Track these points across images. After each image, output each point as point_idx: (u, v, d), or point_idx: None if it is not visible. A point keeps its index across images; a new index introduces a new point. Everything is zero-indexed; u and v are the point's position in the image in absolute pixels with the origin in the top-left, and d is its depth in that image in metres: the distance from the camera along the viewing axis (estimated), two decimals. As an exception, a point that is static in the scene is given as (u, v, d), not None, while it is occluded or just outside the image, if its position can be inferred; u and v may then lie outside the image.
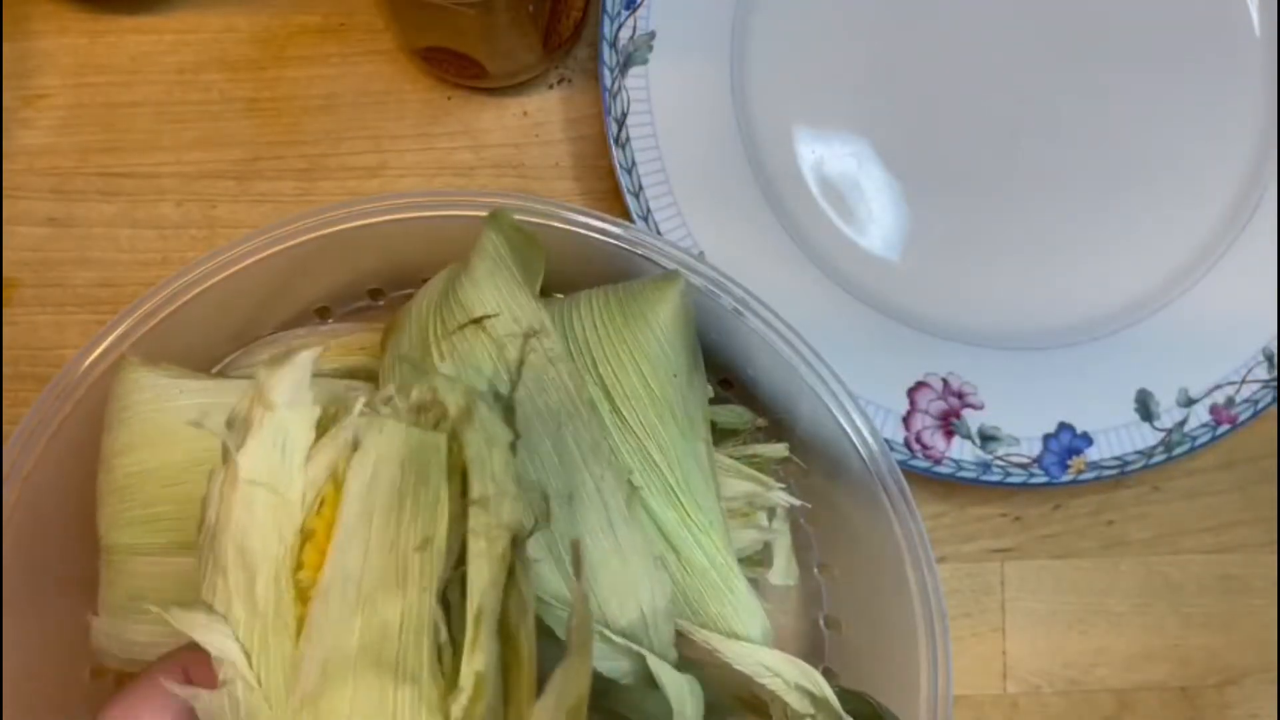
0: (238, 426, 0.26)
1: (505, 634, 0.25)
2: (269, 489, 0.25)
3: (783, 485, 0.37)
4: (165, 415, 0.32)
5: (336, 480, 0.26)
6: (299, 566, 0.25)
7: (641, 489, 0.32)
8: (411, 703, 0.24)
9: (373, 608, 0.24)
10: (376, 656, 0.24)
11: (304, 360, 0.26)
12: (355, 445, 0.26)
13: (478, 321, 0.31)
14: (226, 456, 0.26)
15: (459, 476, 0.26)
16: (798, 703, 0.30)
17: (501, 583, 0.25)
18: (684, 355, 0.34)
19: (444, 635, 0.25)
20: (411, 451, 0.26)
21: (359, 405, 0.26)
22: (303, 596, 0.25)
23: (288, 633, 0.25)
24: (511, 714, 0.24)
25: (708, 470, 0.33)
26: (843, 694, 0.31)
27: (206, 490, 0.26)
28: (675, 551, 0.32)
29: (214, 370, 0.36)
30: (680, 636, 0.32)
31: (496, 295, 0.32)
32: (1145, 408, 0.43)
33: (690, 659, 0.32)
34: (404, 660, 0.24)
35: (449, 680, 0.24)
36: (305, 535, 0.25)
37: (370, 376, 0.36)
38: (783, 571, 0.38)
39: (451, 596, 0.25)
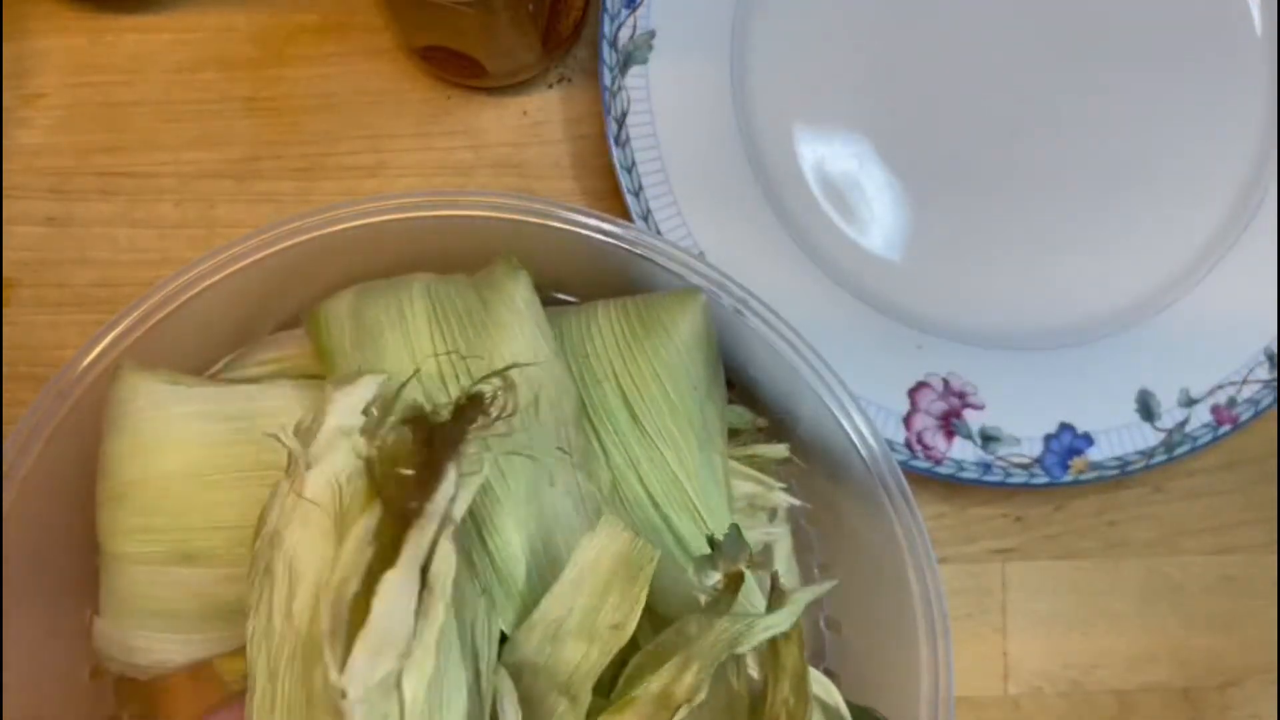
0: (304, 439, 0.27)
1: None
2: (325, 514, 0.26)
3: (784, 486, 0.37)
4: (162, 423, 0.32)
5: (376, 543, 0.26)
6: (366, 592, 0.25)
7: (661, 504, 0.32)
8: None
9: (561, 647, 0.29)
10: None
11: (369, 383, 0.28)
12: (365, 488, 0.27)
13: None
14: (294, 468, 0.26)
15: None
16: None
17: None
18: (704, 368, 0.34)
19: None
20: (630, 553, 0.29)
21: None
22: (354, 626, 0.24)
23: (314, 655, 0.25)
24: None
25: (722, 482, 0.33)
26: (851, 708, 0.31)
27: (270, 497, 0.27)
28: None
29: (213, 370, 0.36)
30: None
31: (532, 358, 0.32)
32: (1146, 408, 0.43)
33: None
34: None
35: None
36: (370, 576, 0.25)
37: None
38: (783, 575, 0.38)
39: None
